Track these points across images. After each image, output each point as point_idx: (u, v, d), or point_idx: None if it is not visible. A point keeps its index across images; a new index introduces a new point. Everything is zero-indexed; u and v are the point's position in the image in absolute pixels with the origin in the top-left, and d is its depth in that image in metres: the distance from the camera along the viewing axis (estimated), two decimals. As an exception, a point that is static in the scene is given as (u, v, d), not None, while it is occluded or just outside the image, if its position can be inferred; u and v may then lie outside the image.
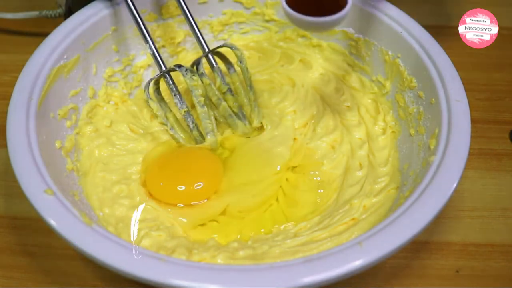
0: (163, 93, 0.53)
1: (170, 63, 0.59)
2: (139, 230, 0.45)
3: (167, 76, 0.52)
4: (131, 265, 0.37)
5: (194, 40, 0.55)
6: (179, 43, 0.60)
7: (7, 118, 0.44)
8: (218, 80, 0.54)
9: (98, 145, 0.51)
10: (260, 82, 0.59)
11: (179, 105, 0.52)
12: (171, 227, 0.47)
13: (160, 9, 0.57)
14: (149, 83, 0.52)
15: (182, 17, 0.57)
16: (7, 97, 0.46)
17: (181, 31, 0.59)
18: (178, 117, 0.54)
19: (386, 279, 0.47)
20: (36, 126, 0.44)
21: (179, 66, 0.52)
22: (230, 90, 0.54)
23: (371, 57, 0.56)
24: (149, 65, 0.58)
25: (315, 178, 0.51)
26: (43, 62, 0.48)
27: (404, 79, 0.52)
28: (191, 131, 0.53)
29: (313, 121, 0.55)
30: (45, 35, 0.50)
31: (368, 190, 0.48)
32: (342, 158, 0.52)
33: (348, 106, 0.56)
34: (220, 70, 0.54)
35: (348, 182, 0.50)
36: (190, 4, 0.54)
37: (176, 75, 0.53)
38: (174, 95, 0.52)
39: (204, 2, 0.59)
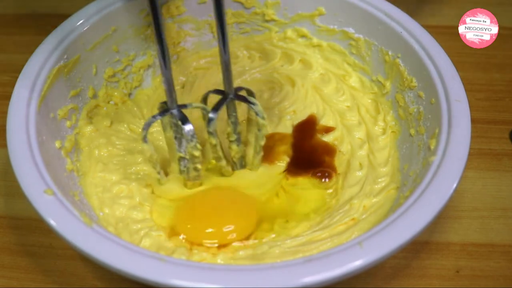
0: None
1: (171, 64, 0.59)
2: (139, 230, 0.45)
3: (177, 113, 0.46)
4: (131, 265, 0.37)
5: (194, 40, 0.54)
6: (179, 43, 0.60)
7: (7, 118, 0.44)
8: (229, 129, 0.50)
9: (98, 145, 0.51)
10: (260, 82, 0.59)
11: (177, 148, 0.48)
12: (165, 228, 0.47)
13: (160, 9, 0.57)
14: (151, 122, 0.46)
15: (182, 17, 0.57)
16: (7, 97, 0.46)
17: (181, 31, 0.59)
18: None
19: (386, 279, 0.47)
20: (36, 126, 0.44)
21: (184, 119, 0.45)
22: (238, 139, 0.50)
23: (371, 57, 0.56)
24: (149, 65, 0.58)
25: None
26: (43, 62, 0.48)
27: (404, 79, 0.52)
28: (181, 172, 0.49)
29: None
30: (45, 35, 0.50)
31: (368, 190, 0.48)
32: (342, 158, 0.52)
33: (348, 106, 0.56)
34: (236, 118, 0.49)
35: (348, 182, 0.50)
36: (189, 4, 0.54)
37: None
38: (175, 137, 0.48)
39: (204, 2, 0.59)
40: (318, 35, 0.59)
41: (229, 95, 0.47)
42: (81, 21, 0.51)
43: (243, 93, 0.48)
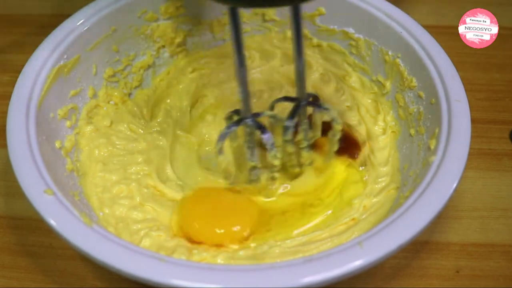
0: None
1: (171, 64, 0.59)
2: (139, 230, 0.45)
3: (252, 122, 0.45)
4: (131, 265, 0.37)
5: (194, 40, 0.54)
6: (179, 43, 0.60)
7: (7, 118, 0.44)
8: (300, 136, 0.49)
9: (98, 145, 0.51)
10: (260, 82, 0.59)
11: (249, 157, 0.47)
12: (171, 227, 0.47)
13: (160, 9, 0.57)
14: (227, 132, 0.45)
15: (182, 17, 0.57)
16: (7, 97, 0.46)
17: (181, 31, 0.59)
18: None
19: (386, 279, 0.47)
20: (36, 126, 0.44)
21: (262, 127, 0.45)
22: (309, 146, 0.49)
23: (371, 57, 0.56)
24: (149, 65, 0.58)
25: None
26: (43, 62, 0.48)
27: (404, 79, 0.52)
28: (250, 182, 0.49)
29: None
30: (45, 35, 0.50)
31: (368, 190, 0.48)
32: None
33: (348, 106, 0.56)
34: (307, 124, 0.48)
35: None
36: (189, 4, 0.54)
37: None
38: (248, 147, 0.47)
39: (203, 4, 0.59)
40: (318, 35, 0.59)
41: (302, 102, 0.46)
42: (81, 21, 0.51)
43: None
